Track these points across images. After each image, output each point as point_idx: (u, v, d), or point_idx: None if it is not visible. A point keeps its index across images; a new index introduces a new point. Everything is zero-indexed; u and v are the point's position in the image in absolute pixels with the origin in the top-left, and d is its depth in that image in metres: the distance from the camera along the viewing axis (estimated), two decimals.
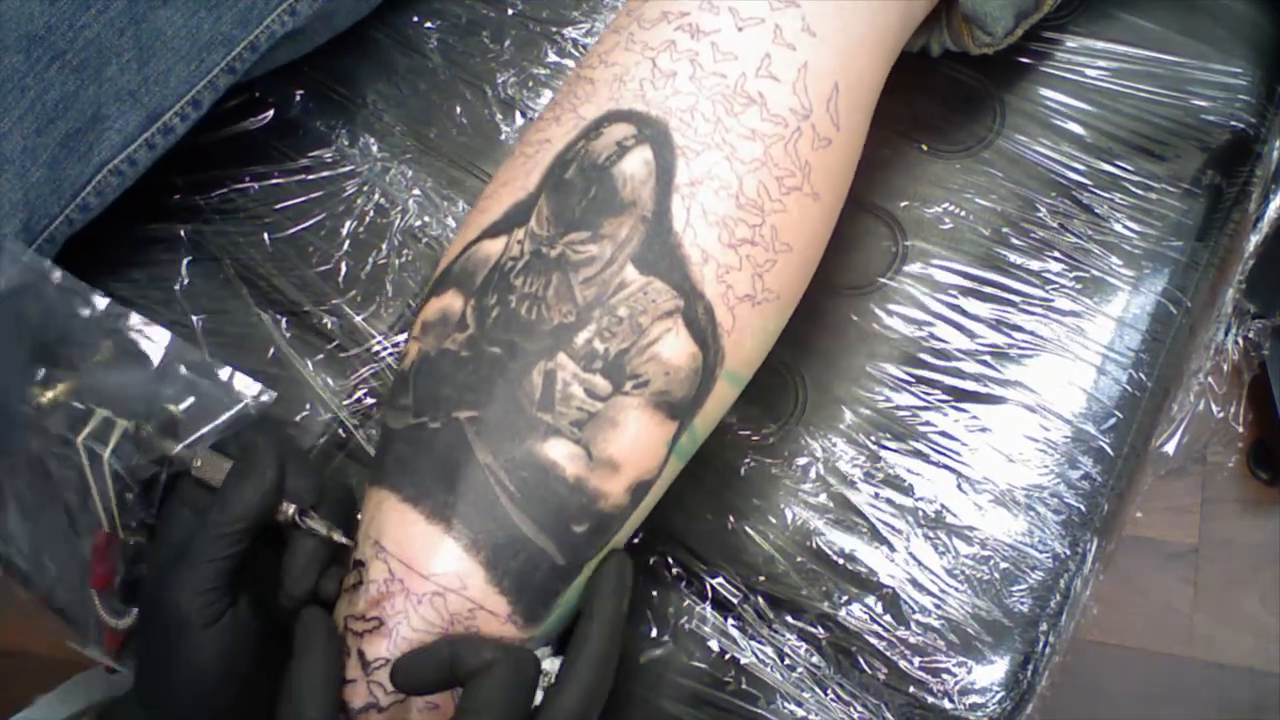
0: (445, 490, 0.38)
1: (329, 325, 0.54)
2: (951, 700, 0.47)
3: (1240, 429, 0.59)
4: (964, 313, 0.52)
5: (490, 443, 0.38)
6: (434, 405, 0.39)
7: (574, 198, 0.39)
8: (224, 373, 0.43)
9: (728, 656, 0.48)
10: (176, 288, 0.55)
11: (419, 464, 0.39)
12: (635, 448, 0.38)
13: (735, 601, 0.49)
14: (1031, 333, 0.51)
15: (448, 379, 0.39)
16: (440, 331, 0.40)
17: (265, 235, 0.56)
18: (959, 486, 0.49)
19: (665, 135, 0.39)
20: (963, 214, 0.53)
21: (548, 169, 0.40)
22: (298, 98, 0.59)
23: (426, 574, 0.38)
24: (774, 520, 0.50)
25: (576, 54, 0.58)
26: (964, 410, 0.50)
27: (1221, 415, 0.57)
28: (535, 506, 0.38)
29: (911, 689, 0.47)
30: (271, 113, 0.58)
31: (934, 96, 0.56)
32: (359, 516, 0.41)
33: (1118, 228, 0.53)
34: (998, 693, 0.47)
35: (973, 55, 0.52)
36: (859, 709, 0.47)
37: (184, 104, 0.50)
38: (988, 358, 0.51)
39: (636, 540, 0.50)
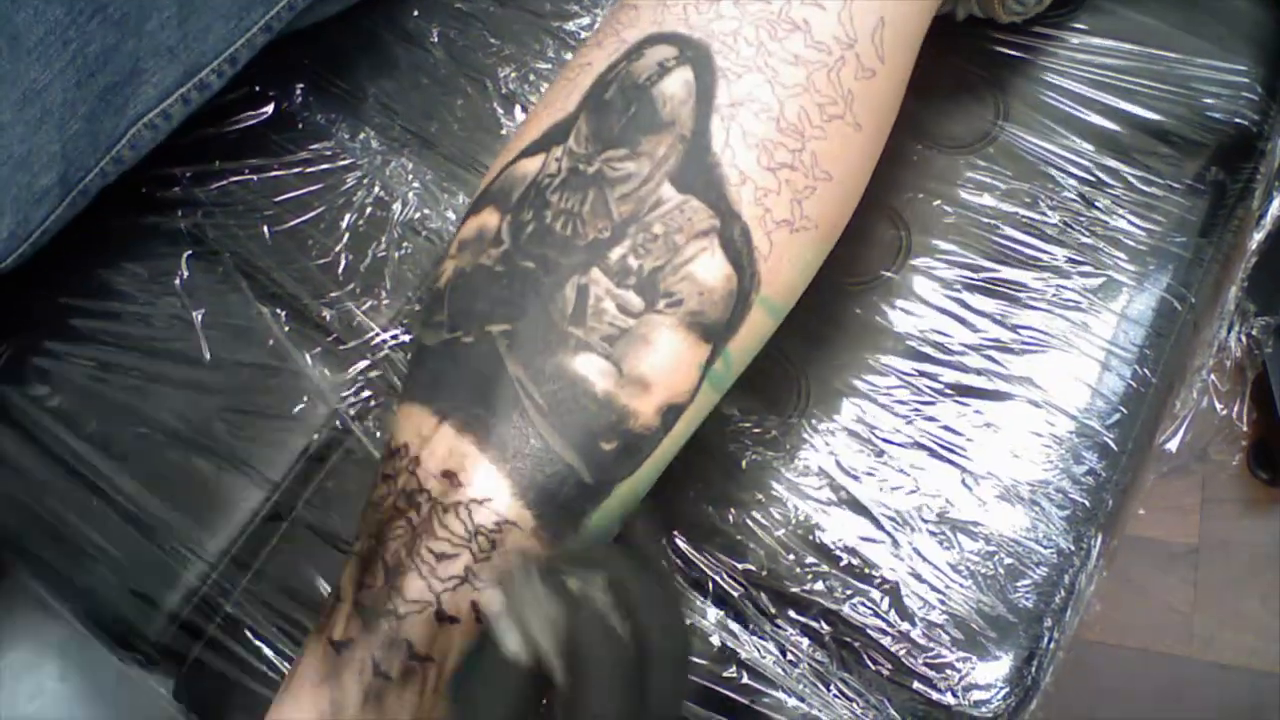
0: (476, 403, 0.38)
1: (328, 318, 0.54)
2: (955, 696, 0.46)
3: (1244, 427, 0.59)
4: (968, 307, 0.51)
5: (521, 356, 0.38)
6: (467, 320, 0.39)
7: (613, 116, 0.39)
8: None
9: (729, 652, 0.48)
10: (176, 281, 0.55)
11: (451, 378, 0.39)
12: (666, 367, 0.38)
13: (737, 596, 0.49)
14: (1035, 328, 0.51)
15: (482, 293, 0.39)
16: (476, 248, 0.40)
17: (265, 229, 0.55)
18: (963, 481, 0.49)
19: (707, 57, 0.39)
20: (966, 209, 0.53)
21: (588, 90, 0.40)
22: (298, 91, 0.58)
23: (454, 484, 0.37)
24: (776, 514, 0.49)
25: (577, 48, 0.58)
26: (968, 405, 0.50)
27: (1225, 412, 0.57)
28: (564, 421, 0.37)
29: (915, 684, 0.47)
30: (271, 106, 0.58)
31: (938, 92, 0.55)
32: (385, 436, 0.41)
33: (1121, 224, 0.53)
34: (1002, 688, 0.47)
35: (1002, 22, 0.53)
36: (862, 705, 0.47)
37: (221, 61, 0.50)
38: (992, 352, 0.51)
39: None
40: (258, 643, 0.49)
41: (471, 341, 0.39)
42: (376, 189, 0.56)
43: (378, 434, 0.52)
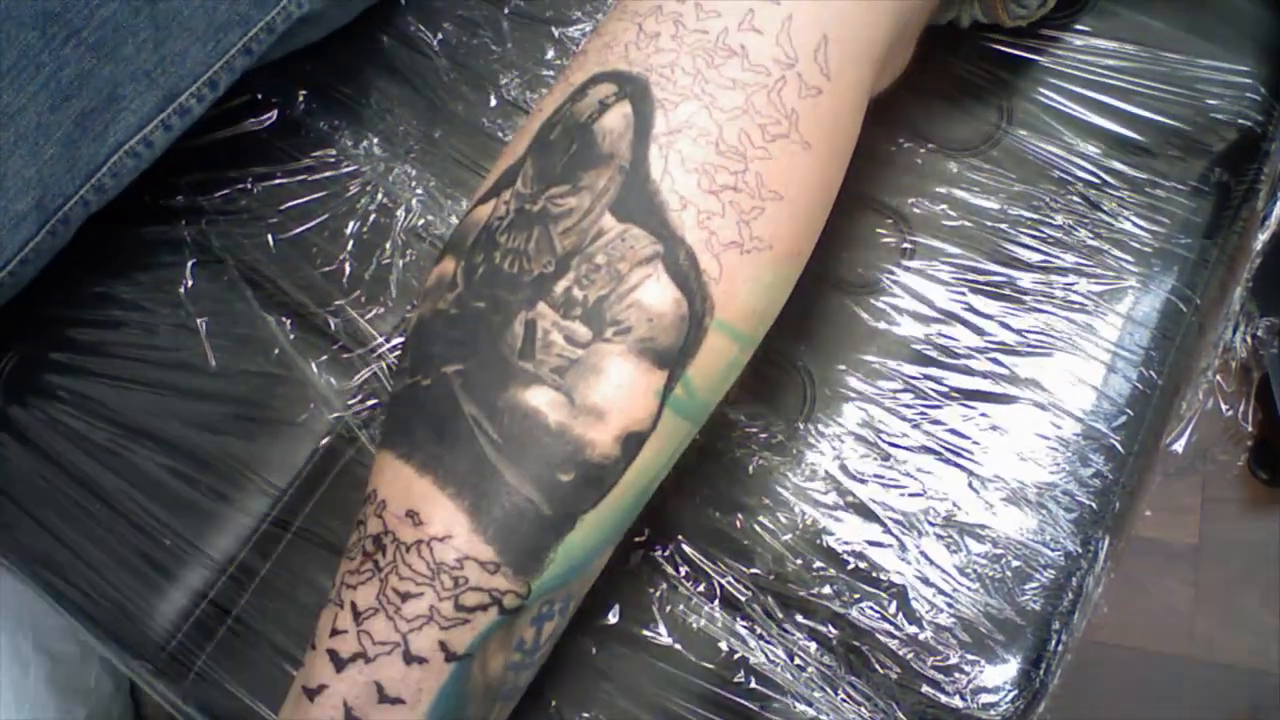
0: (434, 443, 0.38)
1: (333, 326, 0.54)
2: (964, 699, 0.46)
3: (1249, 428, 0.59)
4: (973, 310, 0.52)
5: (474, 393, 0.38)
6: (425, 363, 0.40)
7: (556, 155, 0.40)
8: None
9: (737, 656, 0.48)
10: (181, 290, 0.54)
11: (412, 421, 0.39)
12: (620, 395, 0.38)
13: (744, 600, 0.49)
14: (1041, 330, 0.51)
15: (438, 337, 0.40)
16: (434, 295, 0.41)
17: (269, 236, 0.55)
18: (970, 485, 0.49)
19: (645, 89, 0.39)
20: (971, 212, 0.53)
21: (536, 133, 0.41)
22: (301, 98, 0.58)
23: (415, 523, 0.38)
24: (783, 519, 0.49)
25: None
26: (973, 408, 0.50)
27: (1230, 414, 0.57)
28: (519, 454, 0.38)
29: (924, 688, 0.47)
30: (275, 113, 0.58)
31: (942, 95, 0.56)
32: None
33: (1126, 225, 0.53)
34: (1010, 691, 0.47)
35: (1006, 27, 0.53)
36: (870, 708, 0.47)
37: (200, 85, 0.50)
38: (997, 355, 0.51)
39: (643, 538, 0.49)
40: (265, 650, 0.49)
41: (429, 384, 0.39)
42: (380, 196, 0.56)
43: None
